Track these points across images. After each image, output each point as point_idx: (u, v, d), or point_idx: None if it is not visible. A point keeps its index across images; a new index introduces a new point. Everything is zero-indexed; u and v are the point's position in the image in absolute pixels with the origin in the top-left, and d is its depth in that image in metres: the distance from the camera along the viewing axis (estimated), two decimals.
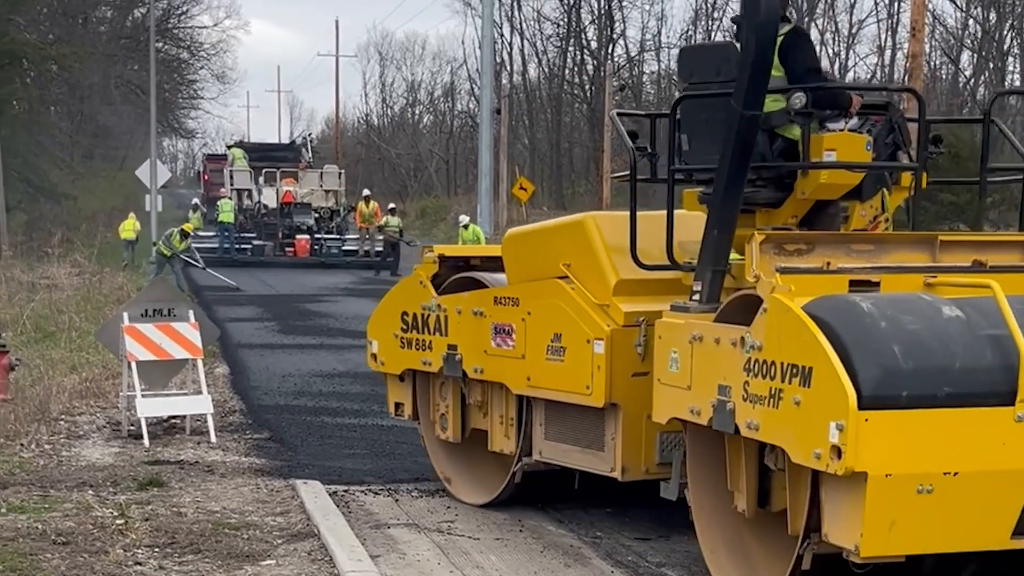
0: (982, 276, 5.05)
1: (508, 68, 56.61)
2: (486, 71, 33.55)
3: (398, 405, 7.80)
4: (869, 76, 47.97)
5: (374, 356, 7.81)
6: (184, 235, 23.95)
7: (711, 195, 5.59)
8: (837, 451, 4.48)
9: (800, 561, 4.88)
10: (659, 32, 53.47)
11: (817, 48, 43.41)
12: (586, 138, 52.70)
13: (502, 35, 52.11)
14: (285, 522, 6.81)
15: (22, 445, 8.85)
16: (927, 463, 4.52)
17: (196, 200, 37.93)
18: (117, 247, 30.17)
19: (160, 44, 53.79)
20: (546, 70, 55.69)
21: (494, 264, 7.13)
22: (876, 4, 47.28)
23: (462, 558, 6.22)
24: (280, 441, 9.33)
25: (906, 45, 26.85)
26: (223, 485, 7.74)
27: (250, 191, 34.67)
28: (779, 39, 5.57)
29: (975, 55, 41.05)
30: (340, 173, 35.39)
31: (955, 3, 42.65)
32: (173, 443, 9.13)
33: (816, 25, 47.97)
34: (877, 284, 5.09)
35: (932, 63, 42.66)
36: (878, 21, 47.31)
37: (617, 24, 52.48)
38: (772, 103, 5.57)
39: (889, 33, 45.92)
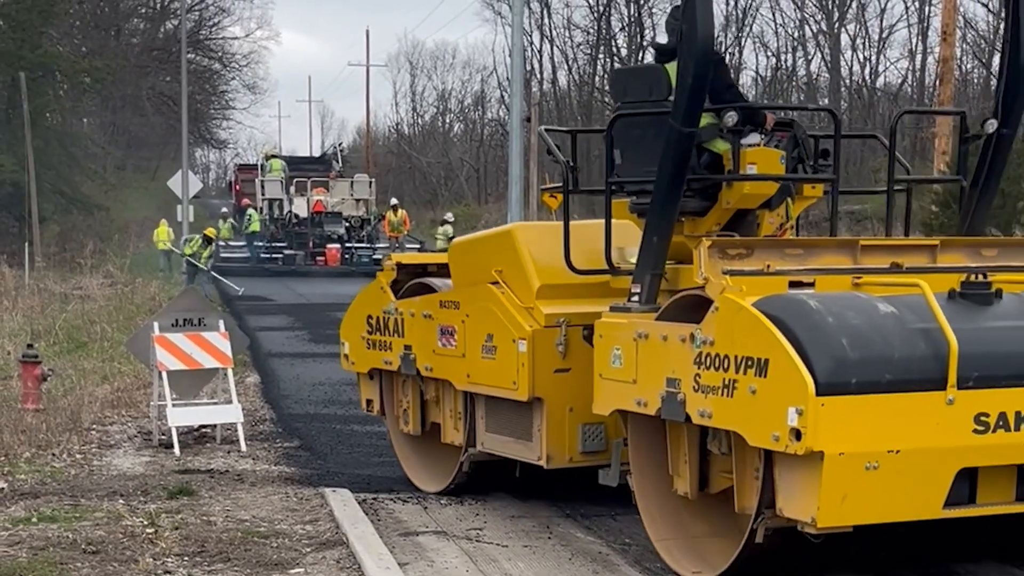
0: (911, 276, 5.52)
1: (538, 76, 56.70)
2: (516, 79, 33.58)
3: (368, 402, 8.43)
4: (900, 81, 47.68)
5: (346, 356, 8.45)
6: (207, 241, 23.93)
7: (649, 205, 6.07)
8: (796, 433, 4.93)
9: (754, 535, 5.32)
10: None
11: (848, 53, 42.64)
12: None
13: (532, 43, 52.23)
14: (314, 530, 6.82)
15: (54, 455, 8.92)
16: (873, 442, 4.98)
17: (225, 209, 38.18)
18: (149, 257, 30.41)
19: (192, 55, 54.26)
20: (576, 78, 55.72)
21: (446, 271, 7.65)
22: (907, 8, 47.14)
23: (490, 565, 6.20)
24: (310, 449, 9.35)
25: (937, 49, 26.76)
26: (253, 494, 7.76)
27: (281, 200, 34.85)
28: None
29: None
30: (371, 182, 35.53)
31: (987, 7, 42.30)
32: (203, 452, 9.17)
33: (847, 30, 47.76)
34: (812, 284, 5.54)
35: (963, 67, 42.36)
36: (908, 26, 47.15)
37: (647, 31, 52.42)
38: (709, 119, 6.10)
39: (920, 37, 45.62)
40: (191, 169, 36.07)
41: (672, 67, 6.14)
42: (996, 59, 41.02)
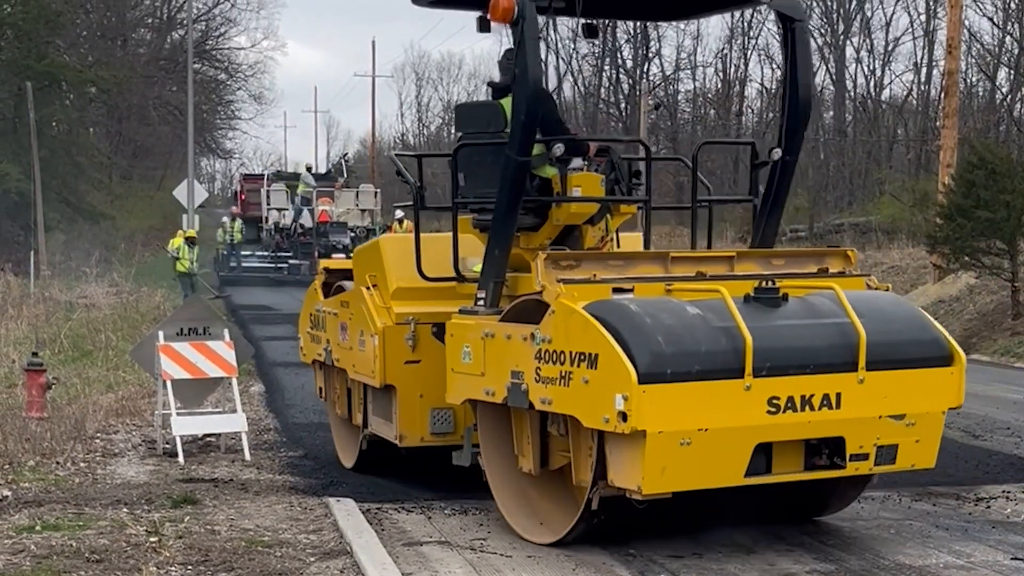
0: (713, 283, 6.38)
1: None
2: None
3: (320, 389, 9.53)
4: (905, 94, 47.67)
5: (301, 349, 9.69)
6: (191, 243, 23.80)
7: (491, 222, 6.99)
8: (623, 415, 5.79)
9: (590, 503, 6.28)
10: (694, 51, 53.68)
11: (853, 66, 42.75)
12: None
13: None
14: (318, 540, 6.81)
15: (58, 463, 8.91)
16: (686, 422, 5.89)
17: (226, 219, 38.12)
18: (154, 266, 30.42)
19: (198, 65, 54.39)
20: (581, 89, 55.74)
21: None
22: (912, 22, 47.22)
23: None
24: (314, 459, 9.35)
25: (942, 62, 26.75)
26: (257, 503, 7.75)
27: (287, 210, 34.91)
28: None
29: (1012, 72, 40.66)
30: (376, 192, 35.59)
31: (992, 20, 42.32)
32: (207, 461, 9.17)
33: (852, 43, 47.79)
34: (631, 290, 6.36)
35: (968, 80, 42.30)
36: (914, 39, 47.08)
37: (652, 43, 52.53)
38: (540, 148, 7.04)
39: (925, 51, 45.62)
40: (197, 179, 36.16)
41: (507, 102, 7.01)
42: (1002, 72, 41.15)
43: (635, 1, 8.11)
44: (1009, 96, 40.89)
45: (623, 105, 52.51)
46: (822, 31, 48.35)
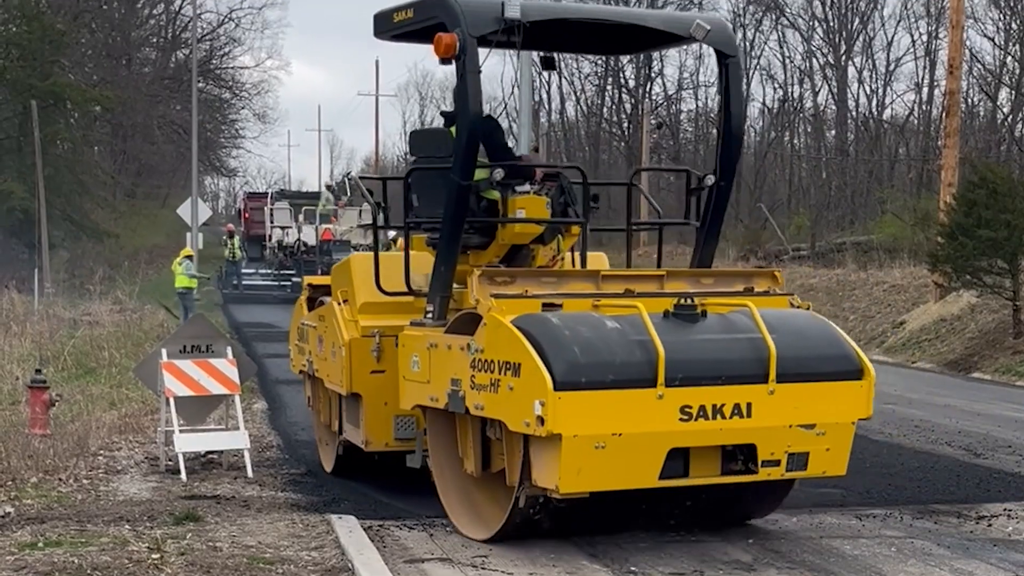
0: (633, 299, 6.83)
1: (546, 107, 56.93)
2: (524, 110, 33.71)
3: (309, 398, 9.91)
4: (907, 113, 47.75)
5: (291, 360, 10.20)
6: (188, 260, 23.87)
7: (438, 241, 7.46)
8: (540, 420, 6.21)
9: (517, 501, 6.72)
10: (697, 71, 53.52)
11: (855, 85, 42.76)
12: (623, 175, 52.77)
13: (540, 74, 52.43)
14: (319, 557, 6.83)
15: (60, 480, 8.93)
16: (600, 427, 6.29)
17: (224, 236, 38.18)
18: (158, 284, 30.48)
19: (202, 84, 54.60)
20: (584, 108, 55.93)
21: None
22: (913, 42, 47.16)
23: None
24: (316, 476, 9.37)
25: (944, 82, 26.79)
26: (259, 520, 7.76)
27: (291, 228, 34.99)
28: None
29: (1013, 92, 40.76)
30: None
31: (993, 41, 42.44)
32: (210, 478, 9.18)
33: (854, 63, 47.92)
34: (560, 306, 6.78)
35: (970, 100, 42.38)
36: (915, 59, 47.18)
37: (655, 63, 52.66)
38: (479, 173, 7.41)
39: (927, 71, 45.73)
40: (201, 197, 36.26)
41: (455, 130, 7.42)
42: (1003, 92, 41.24)
43: (574, 37, 8.41)
44: (1010, 116, 40.97)
45: (626, 124, 52.63)
46: (824, 51, 48.52)
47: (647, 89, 52.17)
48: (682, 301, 6.78)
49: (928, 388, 15.96)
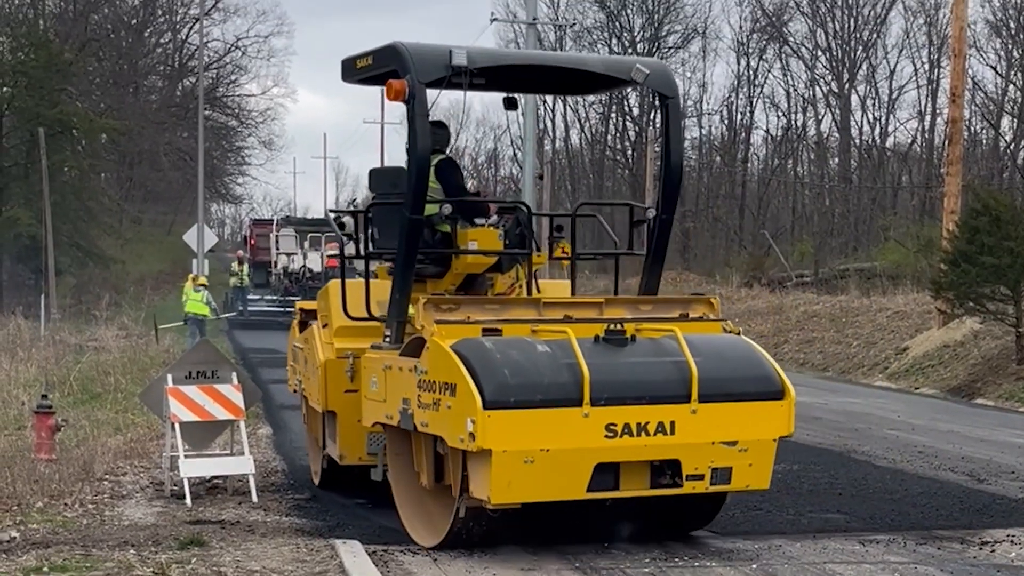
0: (565, 325, 7.28)
1: (551, 135, 57.15)
2: (529, 137, 33.91)
3: (304, 415, 10.32)
4: (909, 141, 47.88)
5: (287, 380, 10.71)
6: (201, 287, 23.94)
7: (393, 269, 7.99)
8: (472, 436, 6.67)
9: (459, 511, 7.19)
10: (700, 99, 53.79)
11: (858, 113, 42.81)
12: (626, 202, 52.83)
13: (545, 102, 52.69)
14: None
15: (66, 504, 8.96)
16: (529, 443, 6.76)
17: (234, 264, 38.35)
18: (164, 310, 30.55)
19: (209, 112, 54.90)
20: (588, 136, 56.15)
21: None
22: (916, 70, 47.36)
23: None
24: (321, 501, 9.39)
25: (946, 111, 26.84)
26: (263, 545, 7.78)
27: (296, 254, 35.09)
28: (435, 164, 8.18)
29: (1015, 120, 40.88)
30: None
31: (995, 70, 42.62)
32: (215, 503, 9.21)
33: (857, 91, 48.09)
34: (500, 331, 7.21)
35: (972, 128, 42.55)
36: (918, 87, 47.35)
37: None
38: (433, 208, 7.98)
39: (929, 99, 45.90)
40: (207, 223, 36.39)
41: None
42: (1005, 120, 41.35)
43: (523, 80, 8.84)
44: (1012, 144, 41.10)
45: (630, 152, 52.80)
46: (827, 79, 48.73)
47: (651, 117, 52.34)
48: (612, 327, 7.23)
49: (931, 414, 15.96)
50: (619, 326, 7.24)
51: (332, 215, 9.44)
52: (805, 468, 10.94)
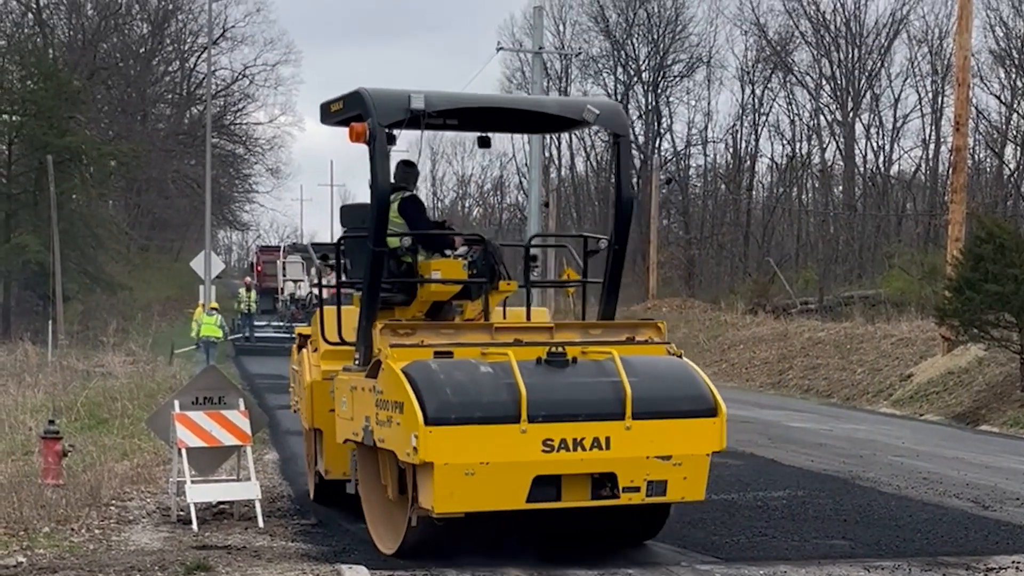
0: (507, 348, 7.72)
1: (556, 162, 57.35)
2: (535, 165, 34.06)
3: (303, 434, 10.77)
4: (913, 169, 47.96)
5: (290, 402, 11.13)
6: (213, 312, 24.06)
7: (360, 298, 8.57)
8: (415, 450, 7.21)
9: (410, 521, 7.71)
10: (705, 127, 53.96)
11: (863, 142, 42.86)
12: (633, 230, 52.96)
13: (551, 140, 52.93)
14: None
15: (73, 530, 9.00)
16: (469, 456, 7.26)
17: (241, 289, 38.40)
18: (171, 336, 30.61)
19: (216, 140, 55.16)
20: (593, 164, 56.33)
21: None
22: (920, 100, 47.54)
23: None
24: (327, 526, 9.41)
25: (950, 139, 26.96)
26: (269, 570, 7.81)
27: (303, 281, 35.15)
28: (399, 201, 8.81)
29: (1018, 148, 40.99)
30: None
31: (999, 99, 42.77)
32: (221, 528, 9.24)
33: (861, 120, 48.24)
34: (451, 353, 7.70)
35: (976, 156, 42.63)
36: (922, 116, 47.49)
37: (664, 119, 53.09)
38: (396, 241, 8.54)
39: (933, 127, 46.04)
40: (214, 250, 36.49)
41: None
42: (1009, 148, 41.44)
43: (482, 121, 9.29)
44: (1016, 172, 41.18)
45: (635, 180, 52.94)
46: (832, 108, 48.90)
47: (656, 145, 52.56)
48: (553, 349, 7.74)
49: (936, 440, 15.95)
50: (560, 349, 7.72)
51: (313, 248, 10.10)
52: (810, 494, 10.95)
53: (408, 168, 9.22)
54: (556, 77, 54.68)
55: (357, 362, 8.49)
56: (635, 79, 52.59)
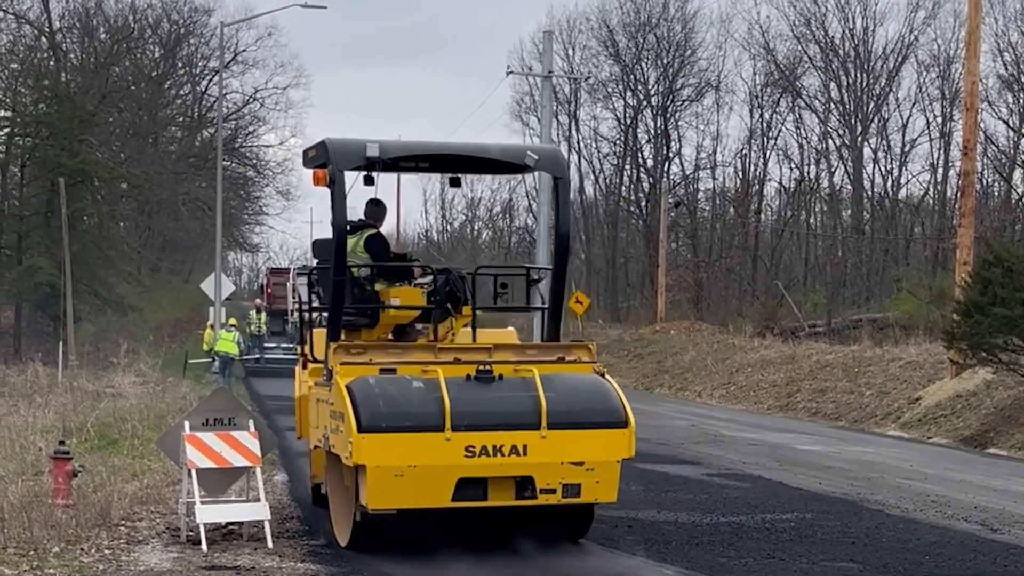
0: (437, 366, 8.63)
1: None
2: (544, 189, 34.14)
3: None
4: (922, 193, 47.97)
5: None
6: (232, 328, 24.23)
7: (327, 322, 9.42)
8: (351, 454, 8.24)
9: (355, 516, 8.71)
10: (714, 151, 54.01)
11: (871, 166, 42.85)
12: (641, 253, 53.02)
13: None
14: None
15: (82, 550, 9.03)
16: (399, 460, 8.29)
17: (252, 311, 38.54)
18: (181, 358, 30.70)
19: (227, 162, 55.40)
20: (603, 187, 56.40)
21: None
22: (928, 124, 47.55)
23: None
24: (336, 547, 9.43)
25: (958, 163, 26.99)
26: None
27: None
28: (365, 238, 9.71)
29: None
30: None
31: (1007, 123, 42.81)
32: (231, 549, 9.27)
33: (869, 144, 48.29)
34: (395, 370, 8.63)
35: (984, 180, 42.64)
36: (930, 140, 47.49)
37: (673, 143, 53.19)
38: (353, 271, 9.46)
39: (942, 151, 46.06)
40: (224, 272, 36.63)
41: (351, 239, 9.53)
42: (1017, 173, 41.46)
43: (435, 164, 10.37)
44: None
45: (644, 203, 53.02)
46: (840, 132, 48.97)
47: (665, 168, 52.65)
48: (481, 367, 8.62)
49: (944, 463, 15.93)
50: (488, 367, 8.62)
51: (297, 273, 11.14)
52: (818, 517, 10.96)
53: (375, 207, 10.10)
54: (565, 101, 54.91)
55: (325, 378, 9.19)
56: (644, 103, 52.74)
